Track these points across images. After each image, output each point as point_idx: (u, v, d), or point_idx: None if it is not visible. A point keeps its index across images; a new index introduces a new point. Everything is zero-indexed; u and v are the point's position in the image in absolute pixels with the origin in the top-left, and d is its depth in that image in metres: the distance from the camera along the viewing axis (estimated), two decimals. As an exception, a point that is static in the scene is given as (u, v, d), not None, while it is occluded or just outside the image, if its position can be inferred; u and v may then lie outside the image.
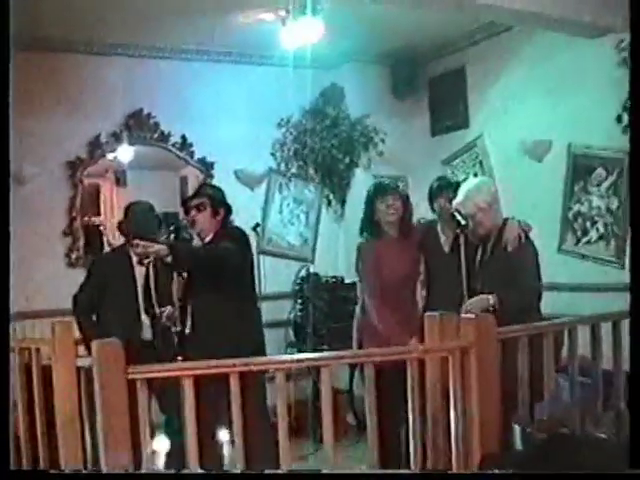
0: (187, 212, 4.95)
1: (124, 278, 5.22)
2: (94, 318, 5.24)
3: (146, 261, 5.14)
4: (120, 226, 5.45)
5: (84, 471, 4.27)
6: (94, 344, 3.41)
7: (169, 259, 4.48)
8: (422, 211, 5.44)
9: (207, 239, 4.88)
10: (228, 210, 4.99)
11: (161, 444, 3.00)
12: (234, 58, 7.34)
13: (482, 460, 3.59)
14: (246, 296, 4.91)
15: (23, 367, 4.40)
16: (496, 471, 3.27)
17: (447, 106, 7.53)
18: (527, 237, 4.76)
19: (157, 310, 5.21)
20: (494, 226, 4.78)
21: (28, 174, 6.55)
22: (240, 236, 4.91)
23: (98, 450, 3.60)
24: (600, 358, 4.48)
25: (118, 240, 5.87)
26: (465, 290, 4.71)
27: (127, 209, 5.53)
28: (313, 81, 7.10)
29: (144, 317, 5.25)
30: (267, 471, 3.38)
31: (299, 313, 7.32)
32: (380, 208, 4.95)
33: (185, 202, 5.07)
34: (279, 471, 3.49)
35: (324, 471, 3.61)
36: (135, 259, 5.21)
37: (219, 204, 4.94)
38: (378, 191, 5.03)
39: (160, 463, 3.08)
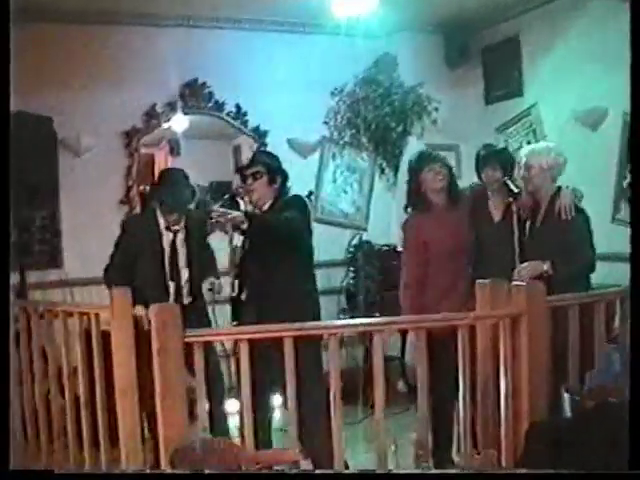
0: (244, 180, 4.91)
1: (152, 243, 5.16)
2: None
3: (174, 228, 5.17)
4: (152, 190, 5.44)
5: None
6: (153, 308, 3.49)
7: (244, 226, 4.50)
8: (475, 179, 5.39)
9: (265, 207, 4.84)
10: (285, 178, 4.95)
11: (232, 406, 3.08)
12: (288, 27, 7.36)
13: (530, 427, 3.62)
14: (304, 264, 4.89)
15: (83, 332, 4.52)
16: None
17: (501, 74, 7.49)
18: (580, 207, 4.75)
19: (183, 278, 5.19)
20: (547, 193, 4.78)
21: (85, 144, 6.69)
22: (302, 205, 4.88)
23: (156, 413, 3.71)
24: (652, 328, 4.46)
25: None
26: (517, 258, 4.71)
27: (161, 175, 5.50)
28: (366, 50, 7.10)
29: (170, 284, 5.17)
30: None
31: (351, 281, 7.36)
32: (427, 177, 4.86)
33: (241, 170, 5.05)
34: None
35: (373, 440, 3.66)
36: (163, 225, 5.18)
37: (275, 172, 4.89)
38: (423, 160, 4.94)
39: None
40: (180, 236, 5.22)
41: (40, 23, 6.25)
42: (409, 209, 5.09)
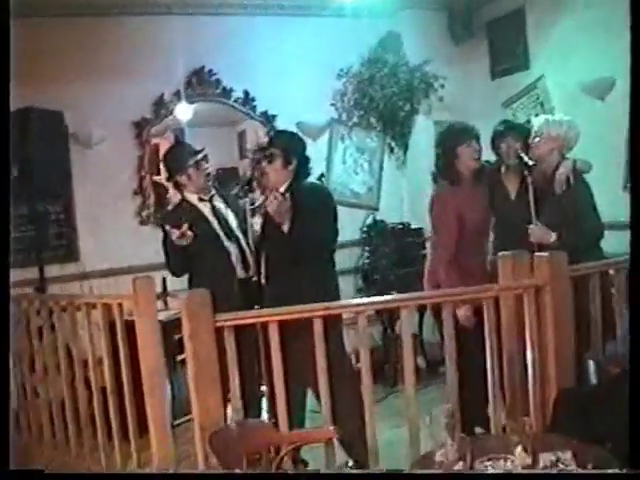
0: (259, 162, 4.80)
1: (195, 219, 4.91)
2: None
3: (206, 197, 5.05)
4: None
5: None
6: (183, 295, 3.52)
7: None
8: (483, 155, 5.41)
9: (281, 189, 4.63)
10: (302, 160, 4.77)
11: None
12: (291, 11, 7.36)
13: (558, 395, 3.67)
14: (328, 253, 4.76)
15: (107, 323, 4.57)
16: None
17: (506, 48, 7.46)
18: (579, 178, 4.77)
19: (242, 242, 4.96)
20: (552, 164, 4.83)
21: (96, 137, 6.69)
22: (328, 199, 4.79)
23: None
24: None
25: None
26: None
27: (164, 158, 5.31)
28: (370, 30, 7.11)
29: (231, 248, 4.98)
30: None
31: (367, 260, 7.41)
32: (465, 152, 4.85)
33: (258, 151, 4.95)
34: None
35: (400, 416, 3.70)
36: (195, 199, 5.03)
37: (291, 153, 4.70)
38: (462, 136, 4.90)
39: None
40: (217, 203, 5.09)
41: (44, 17, 6.27)
42: (439, 180, 5.05)
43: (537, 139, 4.89)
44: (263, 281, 4.73)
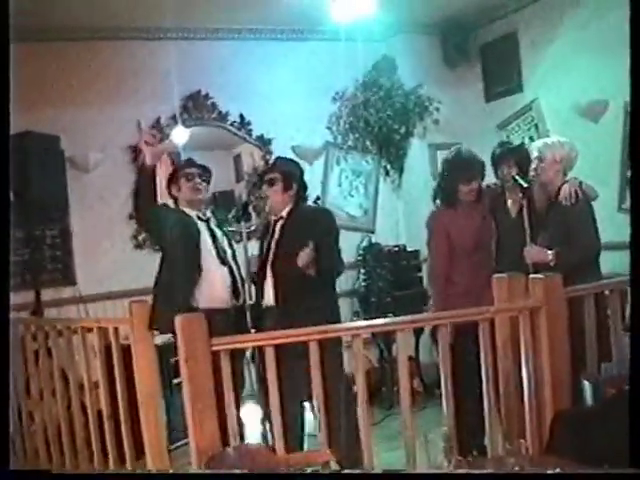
0: (259, 187, 4.94)
1: (188, 229, 4.94)
2: None
3: (204, 217, 5.04)
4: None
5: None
6: (178, 318, 3.51)
7: (312, 272, 4.56)
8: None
9: (282, 214, 4.85)
10: (302, 185, 4.95)
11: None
12: (286, 35, 7.43)
13: (555, 416, 3.66)
14: (330, 276, 4.91)
15: (103, 346, 4.56)
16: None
17: (500, 71, 7.54)
18: (584, 195, 4.78)
19: (234, 268, 4.98)
20: (557, 185, 4.84)
21: (93, 161, 6.72)
22: (333, 223, 4.96)
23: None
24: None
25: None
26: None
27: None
28: (365, 54, 7.13)
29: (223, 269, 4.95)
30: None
31: (363, 283, 7.41)
32: (464, 189, 4.90)
33: (259, 176, 5.05)
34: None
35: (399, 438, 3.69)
36: (194, 214, 5.00)
37: (291, 179, 4.88)
38: (465, 173, 4.90)
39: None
40: (214, 227, 5.07)
41: (43, 41, 6.30)
42: (437, 202, 5.11)
43: (542, 164, 4.89)
44: (272, 303, 4.76)
